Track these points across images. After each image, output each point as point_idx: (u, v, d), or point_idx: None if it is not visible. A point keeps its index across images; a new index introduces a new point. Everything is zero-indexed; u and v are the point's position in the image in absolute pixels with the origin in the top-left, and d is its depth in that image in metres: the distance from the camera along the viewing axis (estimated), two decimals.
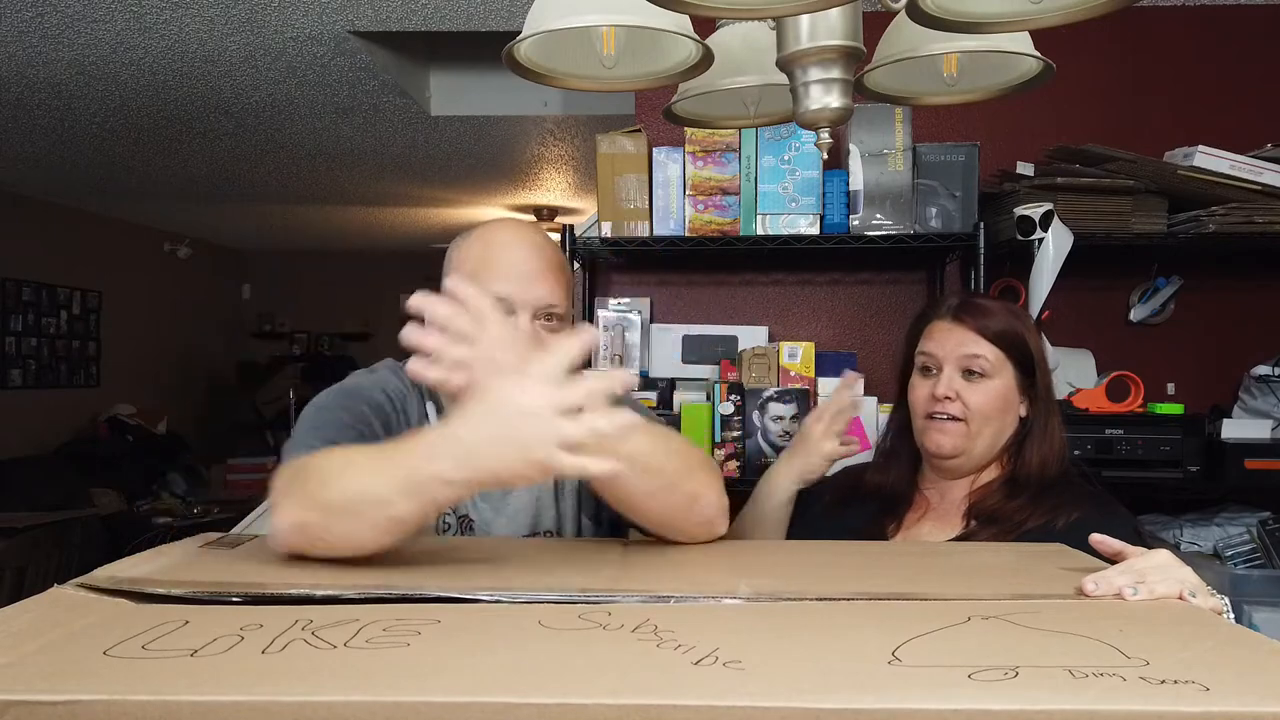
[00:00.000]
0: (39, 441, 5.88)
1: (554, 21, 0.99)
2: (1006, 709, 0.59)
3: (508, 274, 1.19)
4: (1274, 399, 2.19)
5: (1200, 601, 0.87)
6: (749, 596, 0.85)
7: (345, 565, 0.94)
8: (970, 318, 1.41)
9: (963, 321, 1.41)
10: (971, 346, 1.39)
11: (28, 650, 0.69)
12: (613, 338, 2.34)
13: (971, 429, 1.38)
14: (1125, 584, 0.86)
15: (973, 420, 1.38)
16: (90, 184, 5.46)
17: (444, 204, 6.01)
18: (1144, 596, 0.85)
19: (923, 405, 1.41)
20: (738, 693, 0.61)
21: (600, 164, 2.18)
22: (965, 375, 1.39)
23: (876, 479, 1.49)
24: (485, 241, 1.23)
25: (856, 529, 1.40)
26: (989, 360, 1.38)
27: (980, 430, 1.39)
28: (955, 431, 1.38)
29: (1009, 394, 1.40)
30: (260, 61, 3.18)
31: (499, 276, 1.18)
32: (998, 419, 1.39)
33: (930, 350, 1.42)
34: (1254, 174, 2.04)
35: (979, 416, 1.38)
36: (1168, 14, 2.45)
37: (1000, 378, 1.39)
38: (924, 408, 1.41)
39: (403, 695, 0.61)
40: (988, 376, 1.38)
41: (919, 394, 1.43)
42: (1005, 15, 0.94)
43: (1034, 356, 1.41)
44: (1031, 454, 1.39)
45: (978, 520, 1.37)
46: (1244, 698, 0.60)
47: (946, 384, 1.38)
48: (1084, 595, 0.86)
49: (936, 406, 1.39)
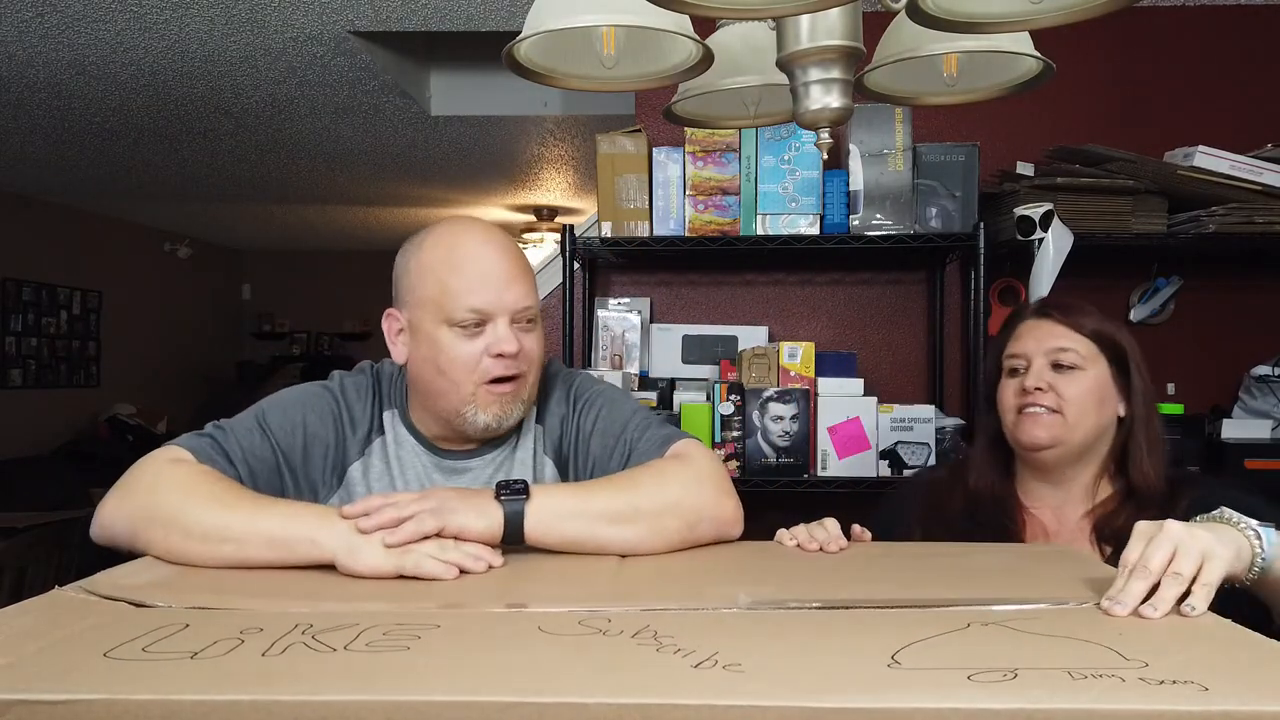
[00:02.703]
0: (39, 441, 5.89)
1: (554, 21, 0.99)
2: (1006, 709, 0.59)
3: (481, 285, 1.17)
4: (1274, 399, 2.19)
5: (1218, 565, 0.84)
6: (749, 605, 0.84)
7: (346, 579, 0.95)
8: (1058, 312, 1.38)
9: (1050, 316, 1.38)
10: (1060, 340, 1.35)
11: (28, 651, 0.69)
12: (613, 338, 2.34)
13: (1069, 420, 1.32)
14: (1142, 593, 0.82)
15: (1068, 410, 1.32)
16: (90, 184, 5.46)
17: (444, 204, 6.01)
18: (1166, 609, 0.81)
19: (1013, 401, 1.36)
20: (737, 693, 0.61)
21: (600, 164, 2.18)
22: (1055, 369, 1.35)
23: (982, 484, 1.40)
24: (449, 250, 1.19)
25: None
26: (1079, 353, 1.34)
27: (1078, 422, 1.32)
28: (1050, 422, 1.33)
29: (1104, 388, 1.34)
30: (260, 61, 3.18)
31: (472, 289, 1.16)
32: (1095, 412, 1.33)
33: (1018, 350, 1.38)
34: (1254, 174, 2.04)
35: (1075, 407, 1.32)
36: (1168, 14, 2.45)
37: (1094, 370, 1.34)
38: (1015, 403, 1.36)
39: (402, 695, 0.61)
40: (1080, 368, 1.34)
41: (1009, 393, 1.37)
42: (1005, 15, 0.94)
43: (1128, 353, 1.36)
44: (1143, 461, 1.33)
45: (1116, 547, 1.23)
46: (1244, 698, 0.60)
47: (1036, 376, 1.34)
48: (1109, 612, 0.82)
49: (1027, 399, 1.34)
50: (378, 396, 1.27)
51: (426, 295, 1.18)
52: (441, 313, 1.17)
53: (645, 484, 1.12)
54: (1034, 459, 1.37)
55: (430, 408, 1.22)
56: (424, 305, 1.18)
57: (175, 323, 7.39)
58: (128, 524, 1.06)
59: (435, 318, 1.17)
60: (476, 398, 1.18)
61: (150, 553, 1.03)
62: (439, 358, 1.17)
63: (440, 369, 1.17)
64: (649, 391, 2.23)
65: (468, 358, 1.17)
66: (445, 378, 1.17)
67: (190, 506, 1.02)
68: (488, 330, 1.17)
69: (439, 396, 1.19)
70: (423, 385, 1.21)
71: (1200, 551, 0.84)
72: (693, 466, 1.16)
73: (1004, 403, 1.39)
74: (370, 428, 1.25)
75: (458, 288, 1.16)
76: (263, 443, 1.18)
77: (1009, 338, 1.42)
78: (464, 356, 1.16)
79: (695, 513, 1.12)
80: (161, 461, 1.11)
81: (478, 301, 1.16)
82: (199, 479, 1.07)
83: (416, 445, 1.25)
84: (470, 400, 1.18)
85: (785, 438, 2.09)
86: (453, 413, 1.19)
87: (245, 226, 7.08)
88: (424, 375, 1.20)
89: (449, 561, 0.96)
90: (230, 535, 1.00)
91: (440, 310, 1.17)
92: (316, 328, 8.37)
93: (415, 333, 1.20)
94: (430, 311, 1.17)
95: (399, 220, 6.66)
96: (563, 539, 1.07)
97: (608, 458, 1.23)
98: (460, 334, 1.16)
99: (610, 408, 1.27)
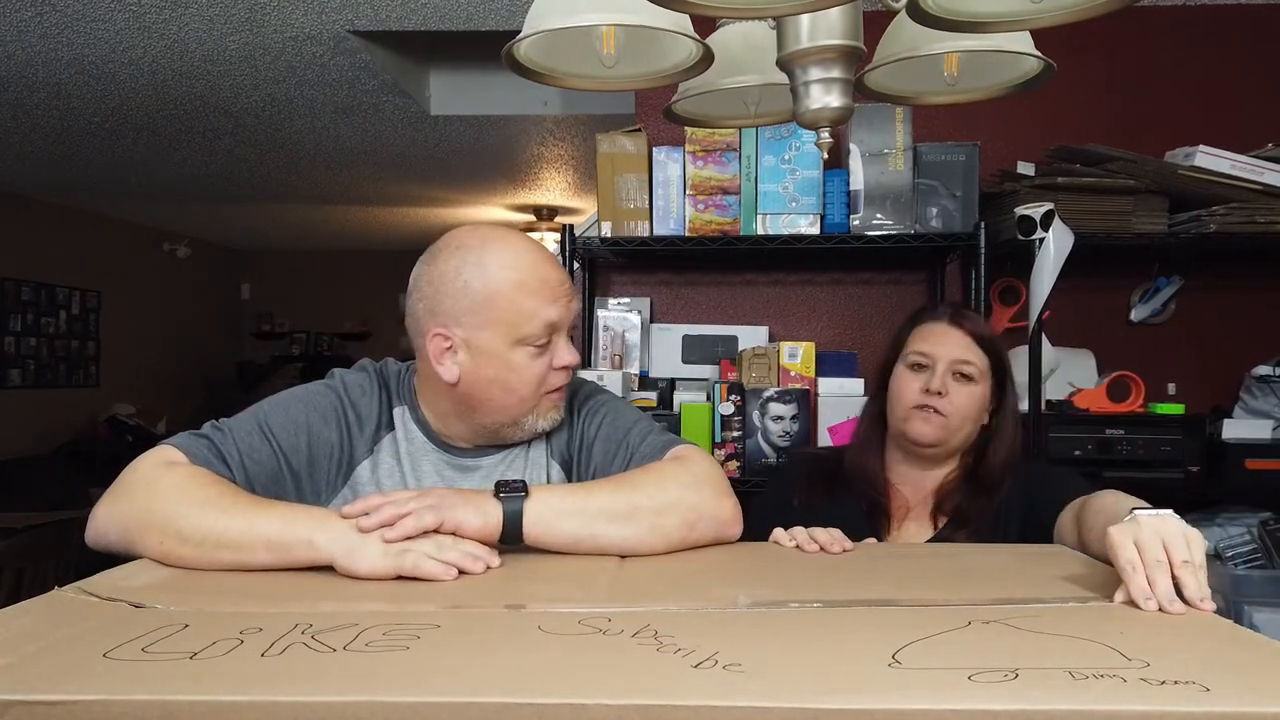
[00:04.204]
0: (38, 441, 5.89)
1: (554, 21, 0.99)
2: (1007, 709, 0.59)
3: (553, 302, 1.18)
4: (1274, 399, 2.19)
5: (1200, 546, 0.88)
6: (749, 605, 0.84)
7: (349, 581, 0.95)
8: (967, 323, 1.54)
9: (960, 325, 1.53)
10: (965, 352, 1.51)
11: (28, 651, 0.69)
12: (613, 338, 2.34)
13: (952, 424, 1.50)
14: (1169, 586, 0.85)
15: (954, 417, 1.50)
16: (90, 184, 5.46)
17: (444, 204, 6.00)
18: (1196, 598, 0.84)
19: (911, 398, 1.51)
20: (737, 693, 0.61)
21: (600, 164, 2.18)
22: (955, 377, 1.50)
23: (858, 463, 1.58)
24: (517, 269, 1.17)
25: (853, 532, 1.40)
26: (978, 367, 1.51)
27: (960, 427, 1.51)
28: (939, 423, 1.49)
29: (985, 400, 1.53)
30: (260, 61, 3.17)
31: (545, 304, 1.17)
32: (974, 421, 1.53)
33: (925, 350, 1.52)
34: (1254, 174, 2.04)
35: (960, 415, 1.50)
36: (1168, 14, 2.44)
37: (982, 384, 1.52)
38: (912, 400, 1.51)
39: (402, 695, 0.60)
40: (974, 381, 1.51)
41: (908, 387, 1.52)
42: (1005, 15, 0.94)
43: (1007, 369, 1.56)
44: (995, 459, 1.52)
45: (949, 521, 1.50)
46: (1244, 698, 0.60)
47: (940, 381, 1.49)
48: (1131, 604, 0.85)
49: (926, 400, 1.49)
50: (385, 393, 1.27)
51: (497, 317, 1.16)
52: (516, 333, 1.16)
53: (644, 484, 1.13)
54: (915, 450, 1.53)
55: (476, 419, 1.22)
56: (493, 326, 1.17)
57: (175, 323, 7.39)
58: (121, 530, 1.05)
59: (508, 337, 1.17)
60: (538, 408, 1.21)
61: (146, 557, 1.03)
62: (510, 377, 1.18)
63: (510, 387, 1.18)
64: (649, 391, 2.22)
65: (539, 374, 1.19)
66: (514, 394, 1.19)
67: (185, 511, 1.02)
68: (552, 343, 1.20)
69: (499, 411, 1.20)
70: (479, 401, 1.20)
71: (1183, 536, 0.88)
72: (691, 468, 1.16)
73: (900, 394, 1.53)
74: (378, 424, 1.25)
75: (531, 307, 1.16)
76: (263, 444, 1.17)
77: (916, 333, 1.56)
78: (536, 373, 1.19)
79: (694, 512, 1.12)
80: (154, 464, 1.10)
81: (553, 317, 1.18)
82: (193, 482, 1.06)
83: (427, 442, 1.25)
84: (531, 411, 1.21)
85: (785, 438, 2.09)
86: (508, 422, 1.21)
87: (245, 226, 7.07)
88: (488, 393, 1.19)
89: (447, 561, 0.96)
90: (226, 541, 0.99)
91: (515, 330, 1.16)
92: (316, 328, 8.37)
93: (478, 353, 1.17)
94: (501, 332, 1.17)
95: (399, 220, 6.66)
96: (561, 538, 1.07)
97: (609, 463, 1.24)
98: (533, 352, 1.18)
99: (614, 415, 1.29)
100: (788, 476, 1.66)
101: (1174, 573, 0.85)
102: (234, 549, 0.99)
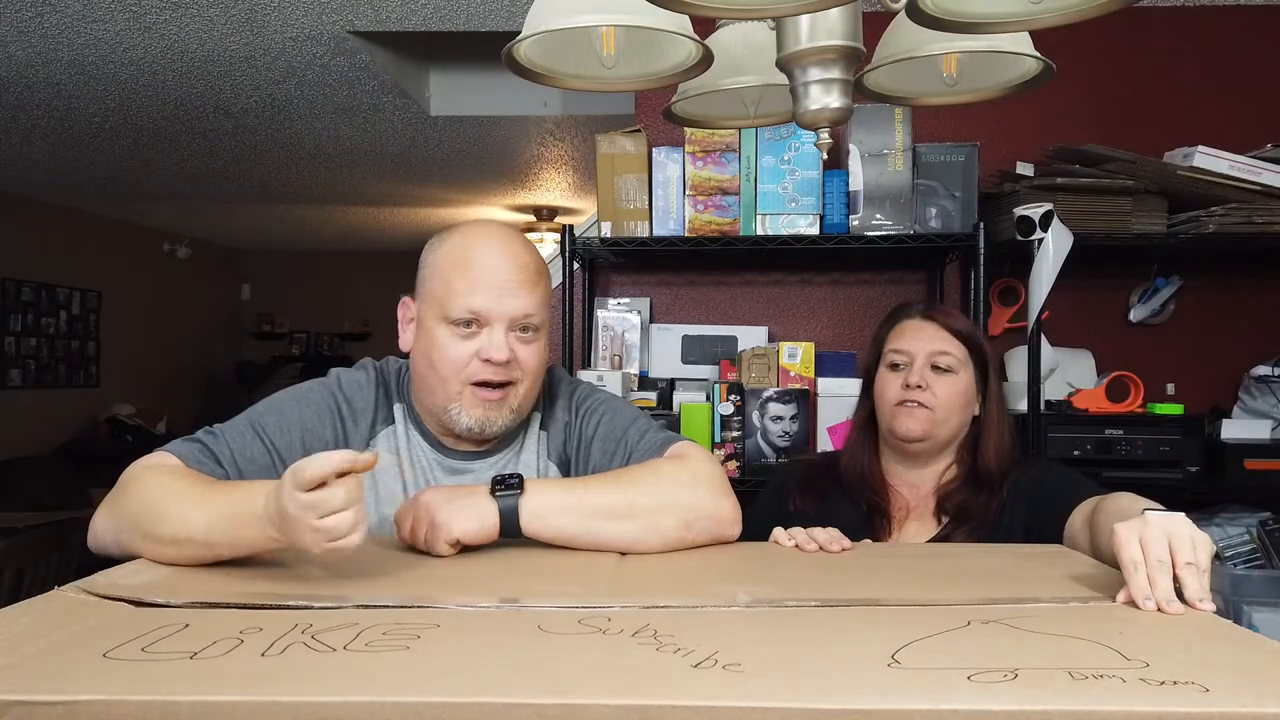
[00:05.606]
0: (39, 441, 5.88)
1: (554, 21, 0.99)
2: (1006, 709, 0.59)
3: (483, 286, 1.17)
4: (1274, 399, 2.19)
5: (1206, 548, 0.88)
6: (749, 604, 0.84)
7: (348, 576, 0.94)
8: (940, 316, 1.56)
9: (933, 319, 1.55)
10: (941, 344, 1.52)
11: (28, 651, 0.69)
12: (613, 338, 2.34)
13: (938, 416, 1.50)
14: (1170, 586, 0.85)
15: (939, 409, 1.50)
16: (90, 184, 5.46)
17: (444, 204, 6.00)
18: (1196, 599, 0.84)
19: (894, 395, 1.52)
20: (737, 694, 0.61)
21: (600, 164, 2.18)
22: (933, 370, 1.51)
23: (854, 467, 1.58)
24: (463, 249, 1.21)
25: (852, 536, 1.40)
26: (955, 357, 1.52)
27: (946, 419, 1.51)
28: (924, 417, 1.50)
29: (969, 390, 1.54)
30: (260, 61, 3.17)
31: (473, 289, 1.17)
32: (961, 411, 1.53)
33: (902, 347, 1.54)
34: (1254, 174, 2.04)
35: (944, 406, 1.50)
36: (1168, 14, 2.44)
37: (964, 374, 1.53)
38: (895, 397, 1.52)
39: (403, 696, 0.60)
40: (953, 372, 1.52)
41: (890, 386, 1.53)
42: (1005, 15, 0.94)
43: (989, 360, 1.56)
44: (989, 453, 1.52)
45: (951, 519, 1.49)
46: (1244, 698, 0.60)
47: (918, 374, 1.51)
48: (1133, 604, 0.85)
49: (907, 395, 1.51)
50: (384, 389, 1.28)
51: (432, 290, 1.21)
52: (441, 309, 1.19)
53: (642, 482, 1.13)
54: (905, 447, 1.53)
55: (422, 400, 1.25)
56: (429, 299, 1.21)
57: (175, 323, 7.39)
58: (113, 535, 1.06)
59: (436, 313, 1.19)
60: (462, 398, 1.19)
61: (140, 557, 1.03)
62: (432, 351, 1.19)
63: (432, 363, 1.19)
64: (649, 391, 2.22)
65: (457, 357, 1.18)
66: (435, 373, 1.19)
67: (158, 509, 1.01)
68: (483, 334, 1.18)
69: (429, 391, 1.22)
70: (417, 376, 1.24)
71: (1190, 538, 0.88)
72: (690, 467, 1.16)
73: (884, 394, 1.55)
74: (375, 418, 1.26)
75: (459, 287, 1.18)
76: (255, 443, 1.18)
77: (892, 333, 1.58)
78: (454, 355, 1.18)
79: (692, 511, 1.12)
80: (142, 469, 1.10)
81: (475, 304, 1.17)
82: (169, 480, 1.06)
83: (423, 441, 1.26)
84: (456, 399, 1.19)
85: (785, 438, 2.09)
86: (440, 409, 1.21)
87: (245, 226, 7.07)
88: (419, 366, 1.23)
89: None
90: (196, 536, 0.98)
91: (441, 306, 1.19)
92: (316, 328, 8.37)
93: (420, 324, 1.23)
94: (433, 306, 1.20)
95: (399, 220, 6.65)
96: (557, 533, 1.08)
97: (608, 462, 1.24)
98: (455, 332, 1.18)
99: (612, 415, 1.29)
100: (780, 484, 1.65)
101: (1176, 573, 0.85)
102: (204, 543, 0.98)
